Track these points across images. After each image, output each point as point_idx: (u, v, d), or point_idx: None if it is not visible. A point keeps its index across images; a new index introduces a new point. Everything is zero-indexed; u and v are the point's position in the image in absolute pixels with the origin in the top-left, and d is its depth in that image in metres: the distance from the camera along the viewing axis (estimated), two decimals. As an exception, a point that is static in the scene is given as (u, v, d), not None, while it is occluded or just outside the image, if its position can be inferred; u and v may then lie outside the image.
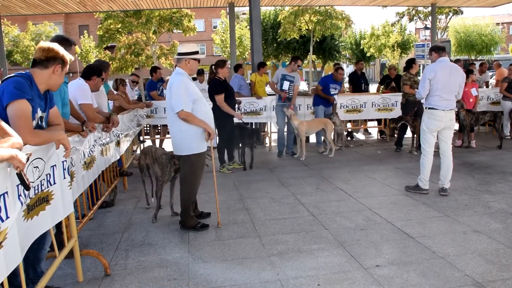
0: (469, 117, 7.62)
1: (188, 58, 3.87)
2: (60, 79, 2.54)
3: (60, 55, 2.48)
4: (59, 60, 2.47)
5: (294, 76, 7.32)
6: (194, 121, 3.77)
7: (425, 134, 4.83)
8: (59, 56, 2.47)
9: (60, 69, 2.49)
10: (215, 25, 36.19)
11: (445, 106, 4.68)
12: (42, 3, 10.95)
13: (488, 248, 3.31)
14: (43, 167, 2.35)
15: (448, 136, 4.83)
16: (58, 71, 2.48)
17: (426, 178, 4.85)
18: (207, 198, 4.86)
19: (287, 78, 7.28)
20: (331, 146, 7.44)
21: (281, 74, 7.32)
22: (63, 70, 2.53)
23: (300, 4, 16.13)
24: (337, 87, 7.79)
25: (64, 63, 2.52)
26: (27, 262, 2.54)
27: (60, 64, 2.48)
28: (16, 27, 30.16)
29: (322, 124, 7.37)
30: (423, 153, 4.89)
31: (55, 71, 2.47)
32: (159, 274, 3.08)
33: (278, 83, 7.32)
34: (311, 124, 7.37)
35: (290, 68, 7.35)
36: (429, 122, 4.76)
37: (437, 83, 4.63)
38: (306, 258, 3.25)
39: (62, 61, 2.50)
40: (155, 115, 8.07)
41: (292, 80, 7.28)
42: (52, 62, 2.45)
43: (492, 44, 33.34)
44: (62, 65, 2.50)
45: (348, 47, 35.54)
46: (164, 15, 22.99)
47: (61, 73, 2.53)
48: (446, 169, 4.81)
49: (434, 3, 13.69)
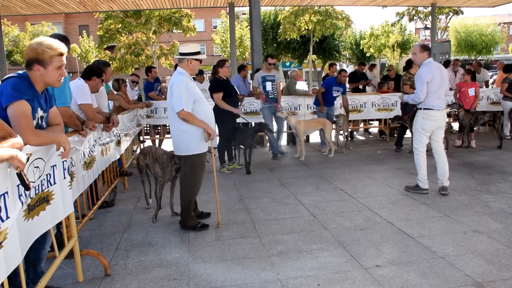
0: (468, 117, 7.62)
1: (190, 59, 3.88)
2: (49, 77, 2.39)
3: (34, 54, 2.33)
4: (35, 61, 2.34)
5: (274, 75, 7.29)
6: (194, 121, 3.77)
7: (418, 135, 4.84)
8: (33, 56, 2.34)
9: (41, 68, 2.35)
10: (215, 25, 36.21)
11: (439, 106, 4.71)
12: (42, 3, 10.96)
13: (488, 248, 3.31)
14: (43, 167, 2.35)
15: (440, 136, 4.87)
16: (40, 70, 2.35)
17: (424, 177, 4.86)
18: (207, 198, 4.86)
19: (268, 78, 7.23)
20: (331, 146, 7.44)
21: (260, 77, 7.27)
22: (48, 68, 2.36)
23: (300, 4, 16.14)
24: (340, 89, 7.79)
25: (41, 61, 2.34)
26: (27, 262, 2.54)
27: (38, 64, 2.34)
28: (16, 27, 30.16)
29: (321, 124, 7.36)
30: (415, 153, 4.91)
31: (36, 72, 2.35)
32: (159, 274, 3.08)
33: (259, 86, 7.26)
34: (309, 124, 7.35)
35: (266, 68, 7.34)
36: (423, 123, 4.77)
37: (433, 85, 4.64)
38: (306, 258, 3.26)
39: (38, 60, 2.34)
40: (155, 115, 8.07)
41: (273, 79, 7.24)
42: (31, 64, 2.34)
43: (492, 44, 33.36)
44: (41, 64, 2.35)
45: (348, 47, 35.53)
46: (164, 15, 23.01)
47: (47, 71, 2.37)
48: (442, 168, 4.83)
49: (434, 3, 13.70)
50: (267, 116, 7.36)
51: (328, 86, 7.75)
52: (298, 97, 8.46)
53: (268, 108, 7.24)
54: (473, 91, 7.79)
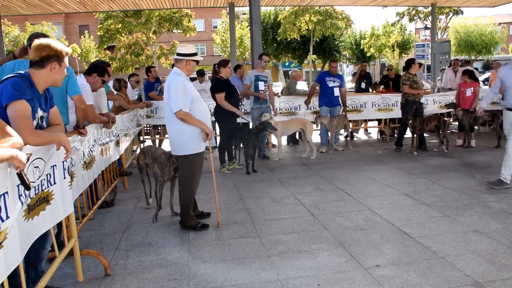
0: (467, 116, 7.62)
1: (190, 60, 3.89)
2: (59, 75, 2.49)
3: (53, 51, 2.42)
4: (54, 58, 2.42)
5: (267, 76, 7.08)
6: (192, 121, 3.77)
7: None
8: (53, 53, 2.42)
9: (57, 66, 2.44)
10: (215, 25, 36.23)
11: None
12: (42, 3, 10.96)
13: (488, 248, 3.31)
14: (43, 167, 2.35)
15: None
16: (56, 68, 2.44)
17: (509, 176, 4.95)
18: (207, 198, 4.86)
19: (261, 78, 6.97)
20: (312, 146, 7.20)
21: (253, 76, 6.98)
22: (61, 65, 2.47)
23: (300, 4, 16.14)
24: (336, 79, 7.61)
25: (60, 58, 2.46)
26: (28, 262, 2.54)
27: (56, 61, 2.43)
28: (16, 27, 30.16)
29: (300, 125, 7.23)
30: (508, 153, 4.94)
31: (52, 69, 2.42)
32: (159, 274, 3.08)
33: (252, 85, 6.97)
34: (287, 124, 7.20)
35: (260, 67, 7.09)
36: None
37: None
38: (306, 258, 3.26)
39: (58, 57, 2.44)
40: (155, 115, 8.07)
41: (265, 80, 7.01)
42: (47, 61, 2.40)
43: (492, 44, 33.36)
44: (59, 61, 2.44)
45: (348, 47, 35.53)
46: (164, 15, 23.02)
47: (60, 69, 2.47)
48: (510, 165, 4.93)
49: (434, 3, 13.70)
50: (256, 117, 7.05)
51: (321, 79, 7.67)
52: (298, 97, 8.46)
53: (258, 108, 7.05)
54: (470, 91, 7.78)
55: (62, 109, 3.38)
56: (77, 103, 3.56)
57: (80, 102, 3.56)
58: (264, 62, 7.13)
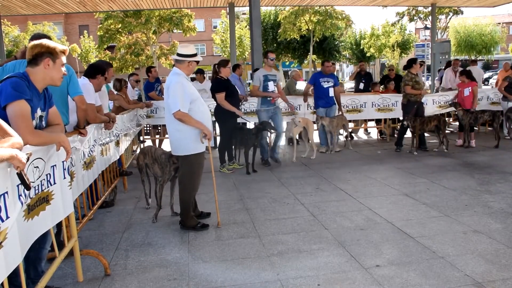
0: (467, 116, 7.61)
1: (191, 61, 3.89)
2: (56, 72, 2.48)
3: (45, 48, 2.42)
4: (47, 54, 2.42)
5: (276, 75, 6.83)
6: (191, 121, 3.77)
7: None
8: (45, 50, 2.42)
9: (51, 62, 2.44)
10: (215, 25, 36.21)
11: None
12: (42, 3, 10.96)
13: (488, 248, 3.31)
14: (43, 167, 2.35)
15: None
16: (50, 64, 2.43)
17: None
18: (207, 198, 4.86)
19: (270, 78, 6.64)
20: (312, 146, 7.18)
21: (262, 76, 6.60)
22: (56, 62, 2.47)
23: (300, 4, 16.15)
24: (330, 79, 7.52)
25: (53, 55, 2.45)
26: (28, 261, 2.54)
27: (49, 57, 2.43)
28: (16, 28, 30.17)
29: (303, 123, 7.18)
30: None
31: (45, 66, 2.42)
32: (159, 274, 3.08)
33: (260, 85, 6.62)
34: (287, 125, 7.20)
35: (267, 65, 6.74)
36: None
37: None
38: (306, 258, 3.26)
39: (50, 54, 2.44)
40: (155, 115, 8.06)
41: (275, 79, 6.75)
42: (40, 58, 2.41)
43: (492, 44, 33.36)
44: (52, 57, 2.44)
45: (348, 47, 35.54)
46: (164, 15, 23.03)
47: (55, 66, 2.46)
48: None
49: (434, 3, 13.70)
50: (264, 120, 6.63)
51: (314, 80, 7.62)
52: (298, 97, 8.46)
53: (266, 111, 6.68)
54: (467, 91, 7.77)
55: (63, 110, 3.39)
56: (78, 104, 3.56)
57: (81, 103, 3.56)
58: (271, 61, 6.77)
